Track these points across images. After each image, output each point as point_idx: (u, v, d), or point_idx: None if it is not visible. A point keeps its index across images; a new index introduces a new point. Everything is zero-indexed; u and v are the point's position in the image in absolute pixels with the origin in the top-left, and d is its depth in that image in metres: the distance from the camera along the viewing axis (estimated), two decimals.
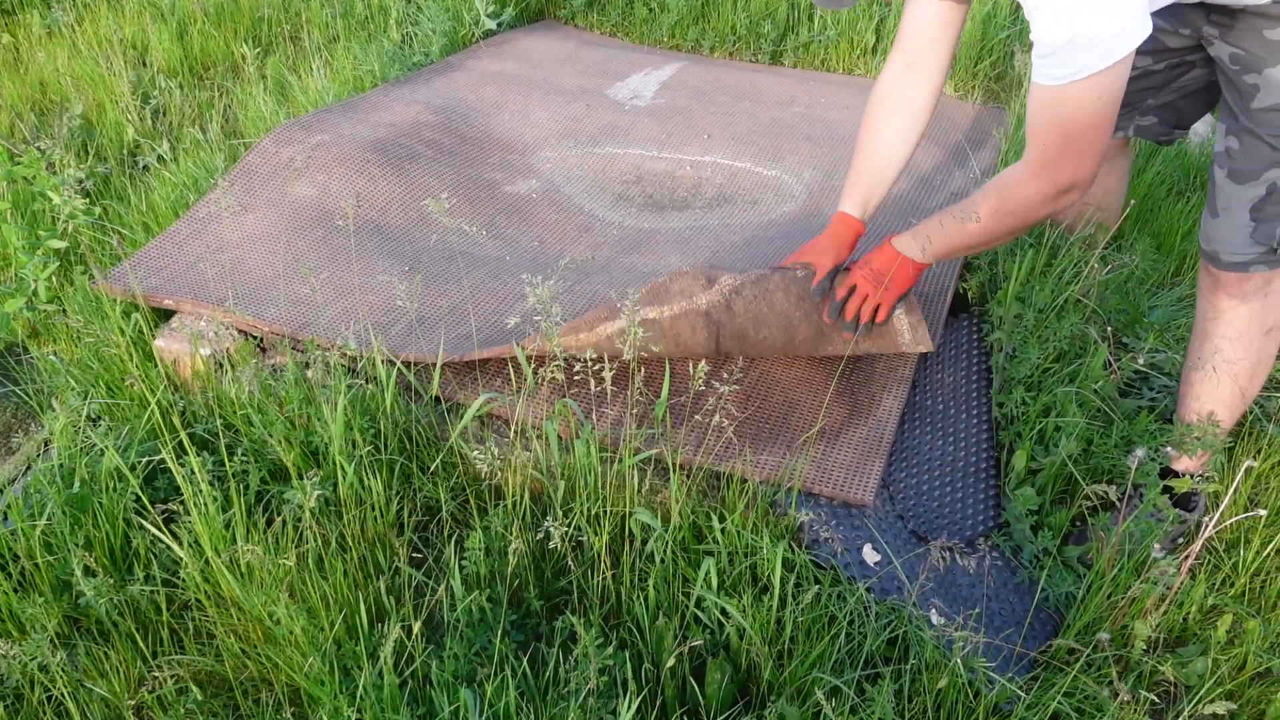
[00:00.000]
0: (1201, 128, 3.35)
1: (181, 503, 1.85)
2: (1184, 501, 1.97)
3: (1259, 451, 2.14)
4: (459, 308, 2.30)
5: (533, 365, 2.03)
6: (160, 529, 1.78)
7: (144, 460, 1.99)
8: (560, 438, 1.94)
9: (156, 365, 2.25)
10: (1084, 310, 2.23)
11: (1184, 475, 1.91)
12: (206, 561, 1.77)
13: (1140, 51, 2.00)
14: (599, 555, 1.75)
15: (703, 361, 1.76)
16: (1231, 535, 1.99)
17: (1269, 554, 1.92)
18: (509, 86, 3.43)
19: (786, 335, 2.05)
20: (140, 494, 1.84)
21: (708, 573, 1.67)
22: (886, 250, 1.97)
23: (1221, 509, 1.62)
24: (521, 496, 1.86)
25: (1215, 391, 1.91)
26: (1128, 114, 2.14)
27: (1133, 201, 2.42)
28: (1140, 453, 1.63)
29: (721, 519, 1.78)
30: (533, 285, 1.69)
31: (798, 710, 1.55)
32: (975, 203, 1.81)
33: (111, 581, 1.79)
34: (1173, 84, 2.04)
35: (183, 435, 1.80)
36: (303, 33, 4.09)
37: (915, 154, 2.06)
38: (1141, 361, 2.11)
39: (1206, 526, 1.59)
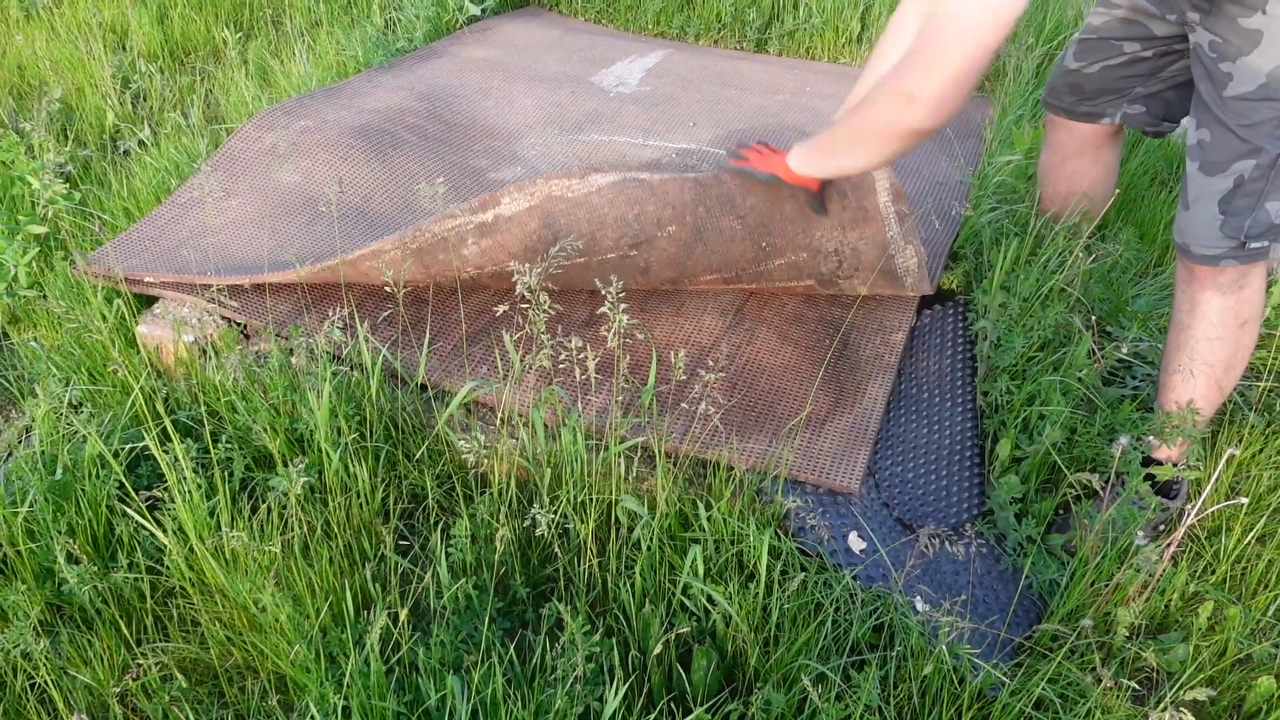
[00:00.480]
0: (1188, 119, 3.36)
1: (165, 489, 1.84)
2: (1166, 490, 1.99)
3: (1240, 439, 2.16)
4: (445, 293, 2.29)
5: (520, 351, 2.02)
6: (144, 516, 1.77)
7: (127, 447, 1.98)
8: (546, 425, 1.94)
9: (139, 352, 2.23)
10: (1068, 299, 2.24)
11: (1165, 464, 1.92)
12: (191, 548, 1.76)
13: (1128, 38, 2.01)
14: (585, 543, 1.75)
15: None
16: (1213, 523, 2.01)
17: (1250, 541, 1.94)
18: (493, 73, 3.42)
19: (772, 205, 2.05)
20: (124, 480, 1.83)
21: (694, 560, 1.67)
22: (781, 162, 1.96)
23: (1203, 497, 1.63)
24: (508, 484, 1.86)
25: (1192, 383, 1.92)
26: (1115, 101, 2.15)
27: (1117, 191, 2.42)
28: (1123, 441, 1.64)
29: (708, 507, 1.79)
30: (520, 273, 1.68)
31: (783, 697, 1.56)
32: (850, 119, 1.77)
33: (95, 569, 1.78)
34: (1161, 73, 2.04)
35: (166, 422, 1.79)
36: (285, 17, 4.06)
37: None
38: (1125, 350, 2.12)
39: (1189, 514, 1.60)
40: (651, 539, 1.74)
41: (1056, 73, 2.22)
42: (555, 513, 1.78)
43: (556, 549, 1.79)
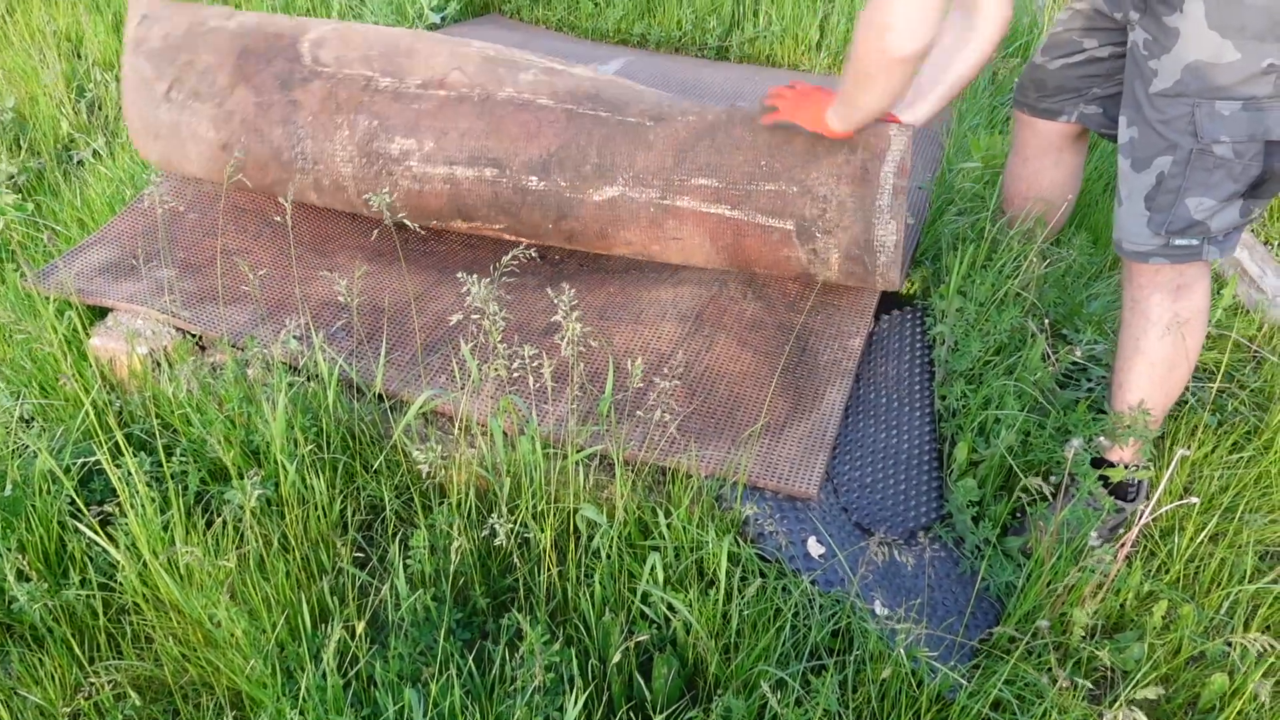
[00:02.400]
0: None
1: (118, 504, 1.82)
2: (1122, 492, 2.01)
3: (1192, 439, 2.19)
4: (401, 301, 2.28)
5: (477, 359, 2.01)
6: (96, 531, 1.74)
7: (79, 462, 1.95)
8: (505, 434, 1.93)
9: (91, 364, 2.20)
10: (1024, 304, 2.27)
11: (1118, 465, 1.95)
12: (144, 564, 1.74)
13: (1088, 34, 2.07)
14: (545, 552, 1.75)
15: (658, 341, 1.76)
16: (1167, 523, 2.03)
17: (1202, 540, 1.97)
18: None
19: (786, 135, 2.13)
20: (75, 496, 1.80)
21: (653, 568, 1.67)
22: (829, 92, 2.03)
23: (1155, 497, 1.65)
24: (467, 494, 1.85)
25: (1138, 383, 1.95)
26: (1072, 100, 2.19)
27: (1070, 197, 2.46)
28: (1075, 443, 1.66)
29: (667, 514, 1.79)
30: (472, 282, 1.68)
31: (744, 703, 1.56)
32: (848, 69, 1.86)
33: (46, 586, 1.75)
34: (1117, 75, 2.08)
35: (119, 435, 1.76)
36: None
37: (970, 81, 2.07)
38: (1079, 354, 2.14)
39: (1142, 514, 1.62)
40: (611, 547, 1.73)
41: (1026, 68, 2.27)
42: (514, 522, 1.77)
43: (516, 559, 1.79)
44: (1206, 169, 1.74)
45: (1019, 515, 2.02)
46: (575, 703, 1.50)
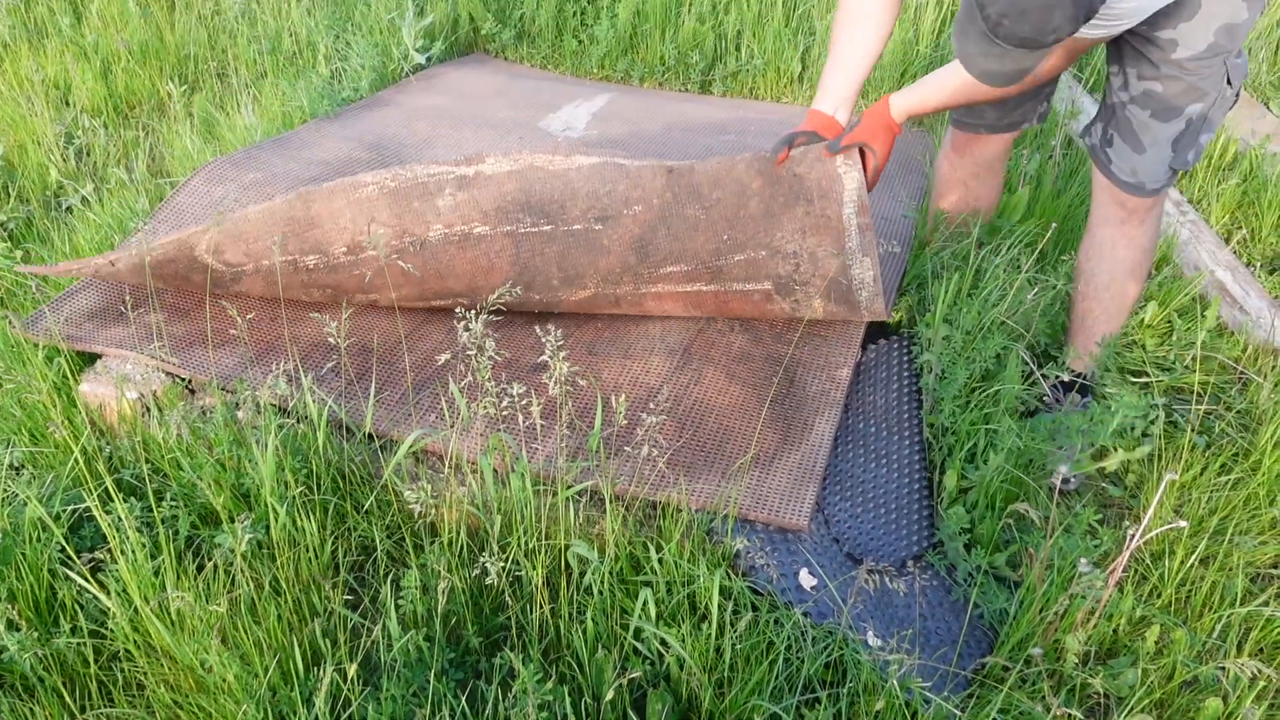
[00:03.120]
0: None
1: (108, 551, 1.81)
2: (1084, 390, 2.32)
3: (1180, 462, 2.20)
4: (391, 342, 2.29)
5: (466, 398, 2.02)
6: (86, 579, 1.74)
7: (69, 509, 1.95)
8: (496, 472, 1.93)
9: (80, 411, 2.20)
10: (1010, 330, 2.28)
11: (1086, 370, 2.30)
12: (135, 610, 1.73)
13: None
14: (537, 589, 1.74)
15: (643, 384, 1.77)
16: (1157, 546, 2.03)
17: (1193, 563, 1.97)
18: (440, 121, 3.43)
19: (739, 202, 2.11)
20: (65, 544, 1.80)
21: (645, 603, 1.67)
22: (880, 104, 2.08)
23: (1145, 521, 1.66)
24: (458, 532, 1.85)
25: (1118, 305, 2.24)
26: (1033, 105, 2.33)
27: (1054, 225, 2.48)
28: (1063, 469, 1.67)
29: (659, 549, 1.79)
30: (466, 319, 1.69)
31: None
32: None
33: (36, 635, 1.74)
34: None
35: (108, 482, 1.76)
36: (230, 70, 4.06)
37: (883, 48, 2.17)
38: (1066, 378, 2.16)
39: (1132, 539, 1.62)
40: (603, 583, 1.73)
41: None
42: (506, 560, 1.77)
43: (508, 597, 1.78)
44: (1222, 109, 2.00)
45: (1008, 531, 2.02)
46: None
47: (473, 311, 1.74)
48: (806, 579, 1.80)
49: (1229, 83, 1.96)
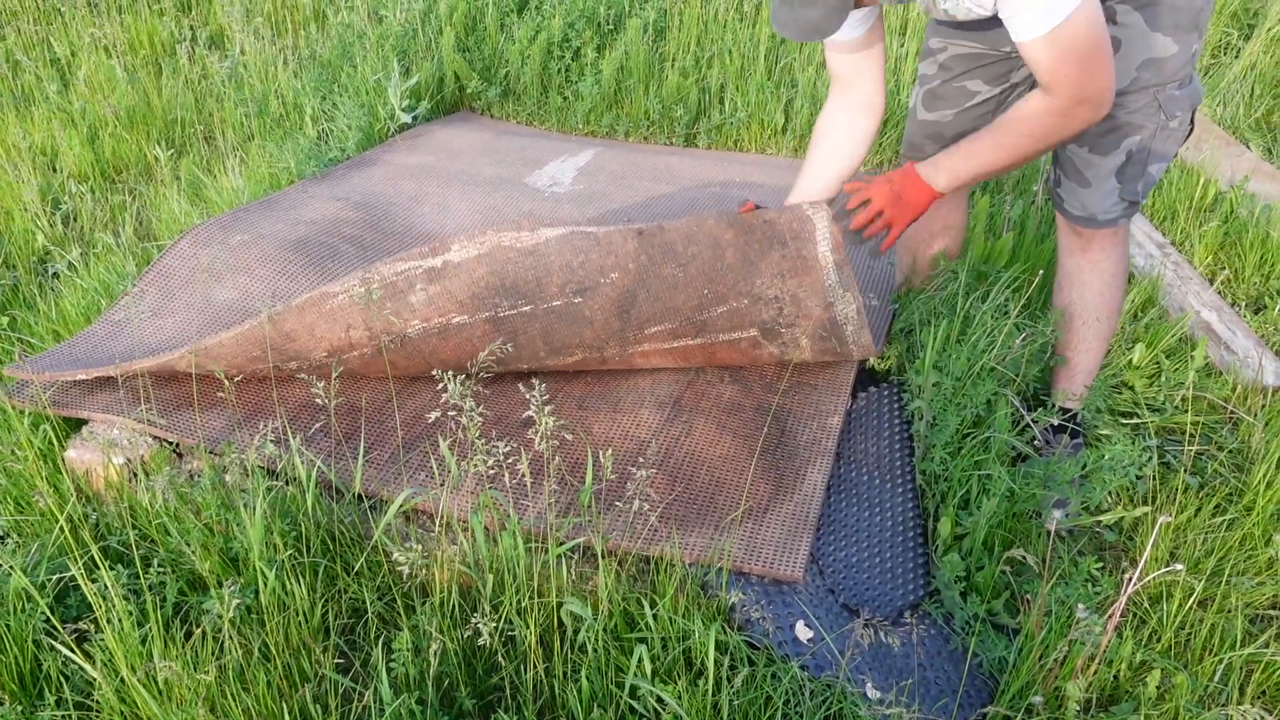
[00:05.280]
0: None
1: (94, 620, 1.78)
2: (1074, 433, 2.32)
3: (1174, 504, 2.19)
4: (380, 401, 2.28)
5: (456, 456, 2.01)
6: (72, 649, 1.71)
7: (54, 577, 1.92)
8: (486, 530, 1.92)
9: (66, 477, 2.18)
10: (1000, 376, 2.29)
11: (1078, 402, 2.33)
12: (122, 680, 1.70)
13: (970, 78, 2.24)
14: (530, 649, 1.72)
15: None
16: (1155, 589, 2.02)
17: (1191, 606, 1.95)
18: (427, 179, 3.45)
19: (714, 255, 2.11)
20: (50, 614, 1.77)
21: (640, 660, 1.65)
22: (909, 173, 2.03)
23: (1141, 565, 1.65)
24: (449, 592, 1.83)
25: (1095, 331, 2.28)
26: None
27: (1040, 271, 2.50)
28: (1056, 515, 1.66)
29: (653, 604, 1.77)
30: (449, 379, 1.68)
31: None
32: (1005, 132, 1.92)
33: (20, 708, 1.71)
34: (1005, 104, 2.25)
35: (94, 549, 1.74)
36: (216, 133, 4.09)
37: (856, 169, 2.24)
38: (1055, 421, 2.16)
39: (1129, 584, 1.61)
40: (597, 641, 1.71)
41: (912, 125, 2.40)
42: (499, 619, 1.75)
43: (501, 657, 1.76)
44: (1165, 140, 2.05)
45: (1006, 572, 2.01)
46: None
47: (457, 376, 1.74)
48: (803, 631, 1.78)
49: (1167, 115, 2.02)
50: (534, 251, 2.11)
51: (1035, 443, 2.31)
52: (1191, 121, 2.08)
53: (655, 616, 1.74)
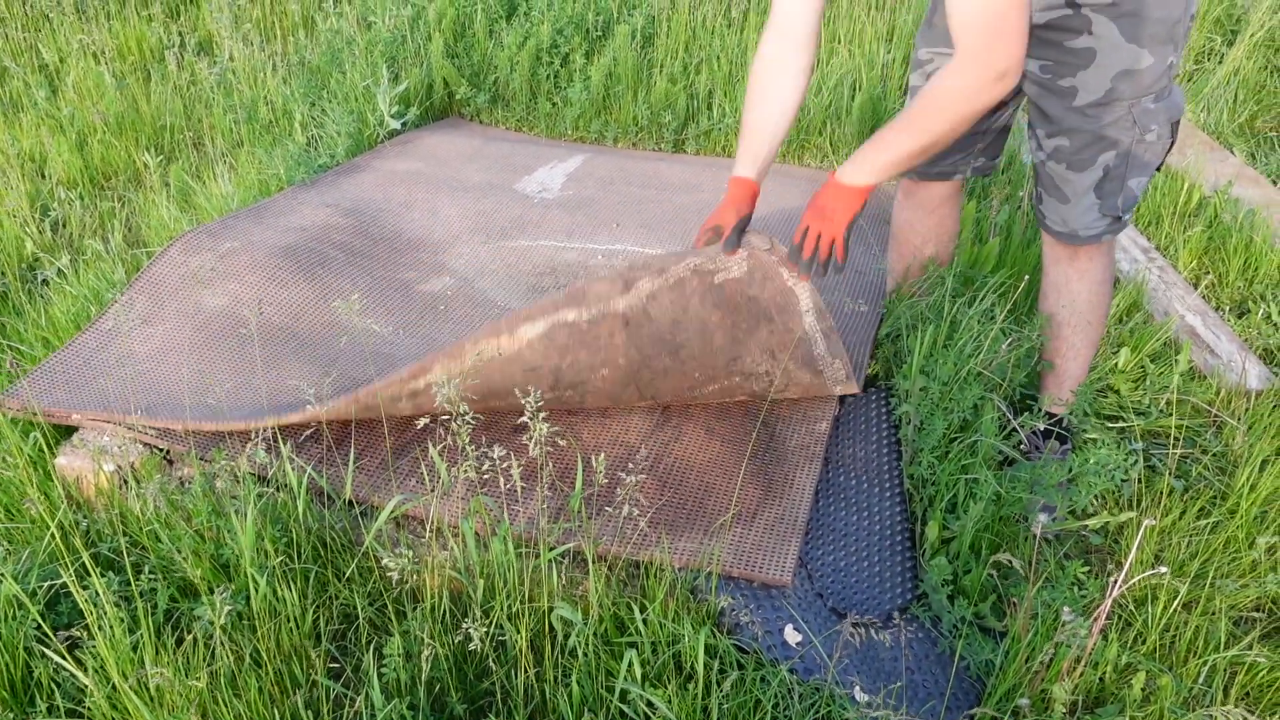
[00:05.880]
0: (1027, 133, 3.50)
1: (86, 627, 1.79)
2: (1061, 437, 2.35)
3: (1158, 507, 2.21)
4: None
5: (446, 462, 2.02)
6: (63, 656, 1.71)
7: (45, 584, 1.92)
8: (477, 535, 1.93)
9: (57, 484, 2.18)
10: (987, 380, 2.30)
11: (1065, 406, 2.33)
12: (113, 687, 1.70)
13: None
14: (521, 654, 1.73)
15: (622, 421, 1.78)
16: (1140, 592, 2.04)
17: (1176, 608, 1.97)
18: (417, 185, 3.46)
19: (703, 340, 2.12)
20: (41, 621, 1.77)
21: (631, 664, 1.66)
22: (829, 183, 2.01)
23: (1126, 568, 1.67)
24: (440, 598, 1.84)
25: (1083, 338, 2.30)
26: (964, 160, 2.36)
27: (1025, 277, 2.52)
28: (1042, 518, 1.68)
29: (643, 609, 1.78)
30: (439, 386, 1.69)
31: None
32: (913, 114, 1.88)
33: (12, 716, 1.71)
34: (994, 123, 2.28)
35: (85, 556, 1.74)
36: (206, 139, 4.09)
37: (797, 114, 2.27)
38: (1042, 426, 2.18)
39: (1114, 586, 1.63)
40: (587, 645, 1.72)
41: None
42: (489, 625, 1.75)
43: (492, 662, 1.77)
44: (1143, 154, 2.04)
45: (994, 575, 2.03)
46: None
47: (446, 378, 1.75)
48: (791, 635, 1.79)
49: (1141, 128, 2.01)
50: (518, 358, 2.09)
51: (1021, 447, 2.33)
52: (1173, 134, 2.07)
53: (645, 621, 1.75)
